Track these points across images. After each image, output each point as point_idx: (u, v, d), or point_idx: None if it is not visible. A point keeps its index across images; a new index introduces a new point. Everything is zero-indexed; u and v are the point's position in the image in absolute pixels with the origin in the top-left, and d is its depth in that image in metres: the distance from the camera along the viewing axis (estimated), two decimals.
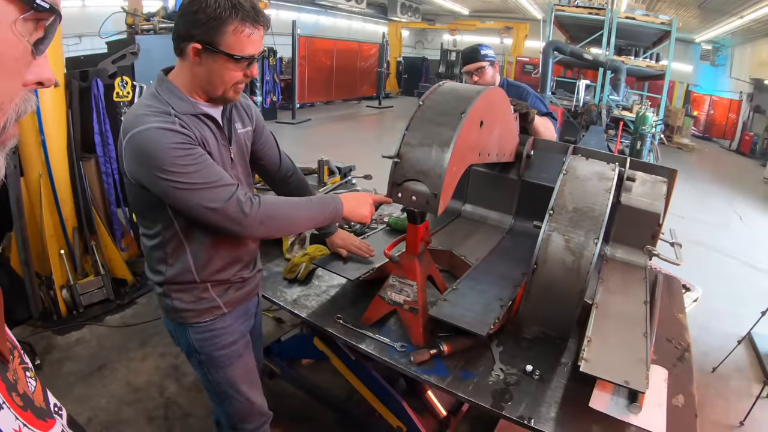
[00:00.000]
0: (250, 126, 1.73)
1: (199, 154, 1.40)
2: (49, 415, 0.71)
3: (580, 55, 10.02)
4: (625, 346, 1.59)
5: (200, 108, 1.48)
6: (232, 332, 1.71)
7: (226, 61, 1.40)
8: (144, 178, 1.38)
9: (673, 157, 13.21)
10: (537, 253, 1.73)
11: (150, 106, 1.41)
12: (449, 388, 1.57)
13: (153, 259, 1.61)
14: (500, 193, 2.61)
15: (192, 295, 1.62)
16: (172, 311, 1.64)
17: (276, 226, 1.52)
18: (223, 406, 1.81)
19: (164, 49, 3.75)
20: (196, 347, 1.67)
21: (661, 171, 2.29)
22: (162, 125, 1.36)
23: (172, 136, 1.35)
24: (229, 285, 1.68)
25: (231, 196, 1.40)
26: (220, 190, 1.39)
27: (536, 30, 17.08)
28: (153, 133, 1.34)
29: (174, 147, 1.34)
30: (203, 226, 1.52)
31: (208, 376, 1.73)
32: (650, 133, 8.45)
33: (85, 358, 3.17)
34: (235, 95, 1.51)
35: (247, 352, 1.80)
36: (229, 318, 1.70)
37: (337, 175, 3.49)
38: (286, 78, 13.85)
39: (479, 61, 2.89)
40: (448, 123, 1.57)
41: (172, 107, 1.42)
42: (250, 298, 1.80)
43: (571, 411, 1.52)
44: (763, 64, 15.06)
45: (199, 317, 1.64)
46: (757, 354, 4.03)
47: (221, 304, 1.66)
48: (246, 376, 1.80)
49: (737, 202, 9.46)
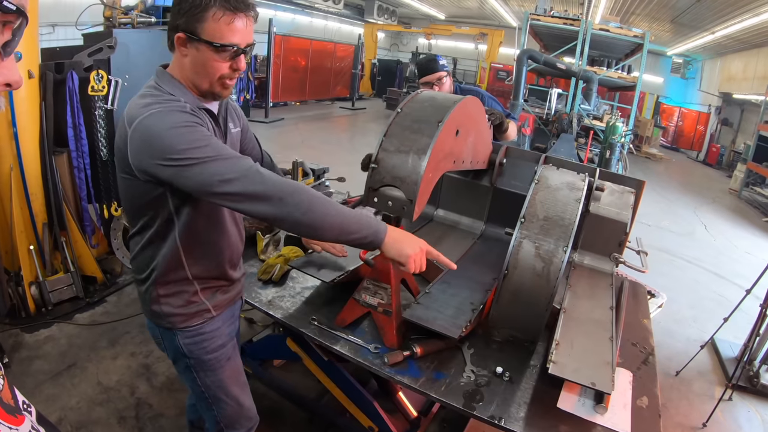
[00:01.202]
0: (239, 127, 1.74)
1: (208, 133, 1.35)
2: (18, 411, 0.73)
3: (553, 64, 10.18)
4: (592, 350, 1.66)
5: (201, 102, 1.47)
6: (220, 335, 1.70)
7: (208, 51, 1.37)
8: (148, 164, 1.30)
9: (641, 166, 13.59)
10: (508, 259, 1.78)
11: (155, 96, 1.38)
12: (422, 388, 1.60)
13: (143, 258, 1.57)
14: (472, 199, 2.67)
15: (181, 299, 1.59)
16: (161, 316, 1.61)
17: (299, 209, 1.33)
18: (212, 411, 1.78)
19: (142, 44, 3.77)
20: (185, 351, 1.64)
21: (630, 182, 2.37)
22: (168, 108, 1.33)
23: (180, 116, 1.32)
24: (216, 288, 1.67)
25: (250, 167, 1.32)
26: (236, 161, 1.32)
27: (511, 37, 17.32)
28: (160, 116, 1.30)
29: (182, 125, 1.30)
30: (204, 216, 1.51)
31: (198, 380, 1.71)
32: (620, 142, 8.65)
33: (54, 357, 3.11)
34: (223, 90, 1.47)
35: (235, 354, 1.80)
36: (218, 321, 1.69)
37: (311, 177, 3.50)
38: (261, 76, 13.78)
39: (439, 71, 2.92)
40: (425, 131, 1.61)
41: (179, 97, 1.41)
42: (235, 301, 1.80)
43: (540, 411, 1.57)
44: (731, 79, 15.61)
45: (188, 321, 1.61)
46: (720, 358, 4.19)
47: (210, 308, 1.65)
48: (235, 379, 1.79)
49: (703, 211, 9.78)
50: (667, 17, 13.52)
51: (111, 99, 3.58)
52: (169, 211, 1.47)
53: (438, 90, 2.92)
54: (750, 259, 7.00)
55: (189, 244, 1.54)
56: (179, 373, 1.76)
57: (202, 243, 1.57)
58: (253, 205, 1.32)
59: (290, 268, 2.18)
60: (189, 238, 1.53)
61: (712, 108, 17.76)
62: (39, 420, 0.78)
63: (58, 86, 3.47)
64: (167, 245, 1.52)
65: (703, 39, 14.18)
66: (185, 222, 1.50)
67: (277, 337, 2.61)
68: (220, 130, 1.56)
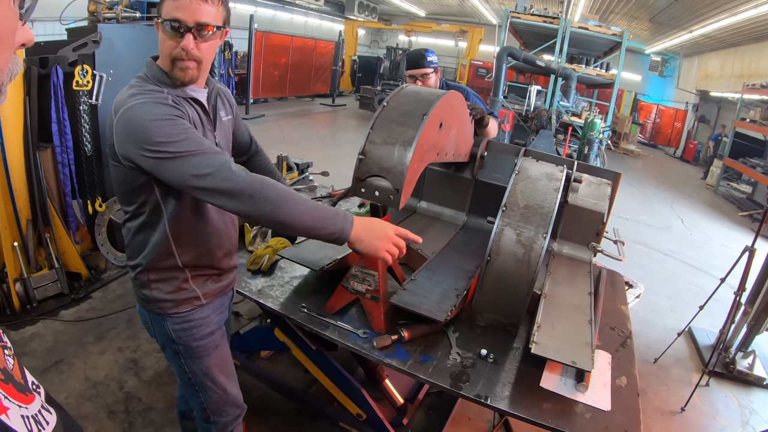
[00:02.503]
0: (231, 115, 1.77)
1: (188, 126, 1.38)
2: (29, 390, 0.74)
3: (533, 61, 10.33)
4: (572, 332, 1.74)
5: (186, 92, 1.50)
6: (209, 323, 1.72)
7: (161, 30, 1.40)
8: (133, 153, 1.35)
9: (619, 162, 13.83)
10: (490, 246, 1.85)
11: (140, 86, 1.43)
12: (410, 370, 1.66)
13: (135, 244, 1.60)
14: (455, 191, 2.74)
15: (171, 286, 1.62)
16: (151, 301, 1.63)
17: (267, 206, 1.36)
18: (198, 397, 1.81)
19: (127, 39, 3.77)
20: (173, 337, 1.67)
21: (606, 174, 2.46)
22: (152, 99, 1.37)
23: (161, 108, 1.36)
24: (207, 277, 1.69)
25: (222, 163, 1.35)
26: (210, 157, 1.35)
27: (491, 35, 17.45)
28: (142, 107, 1.34)
29: (162, 118, 1.34)
30: (190, 206, 1.54)
31: (185, 367, 1.73)
32: (598, 138, 8.82)
33: (41, 354, 3.11)
34: (180, 73, 1.44)
35: (223, 342, 1.82)
36: (207, 309, 1.71)
37: (295, 171, 3.53)
38: (241, 72, 13.73)
39: (425, 68, 2.94)
40: (410, 124, 1.66)
41: (164, 88, 1.45)
42: (225, 292, 1.81)
43: (524, 390, 1.64)
44: (708, 77, 15.96)
45: (177, 308, 1.64)
46: (696, 346, 4.34)
47: (200, 295, 1.67)
48: (222, 367, 1.81)
49: (680, 206, 10.01)
50: (645, 16, 13.78)
51: (96, 94, 3.57)
52: (156, 198, 1.50)
53: (422, 85, 2.95)
54: (726, 251, 7.19)
55: (179, 232, 1.56)
56: (167, 359, 1.79)
57: (193, 232, 1.60)
58: (225, 201, 1.36)
59: (279, 258, 2.23)
60: (178, 227, 1.55)
61: (689, 105, 18.13)
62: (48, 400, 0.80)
63: (42, 81, 3.45)
64: (157, 233, 1.55)
65: (680, 38, 14.47)
66: (173, 210, 1.53)
67: (264, 329, 2.65)
68: (209, 119, 1.58)
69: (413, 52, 3.04)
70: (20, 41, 0.62)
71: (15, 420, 0.65)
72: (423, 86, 2.93)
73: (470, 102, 2.83)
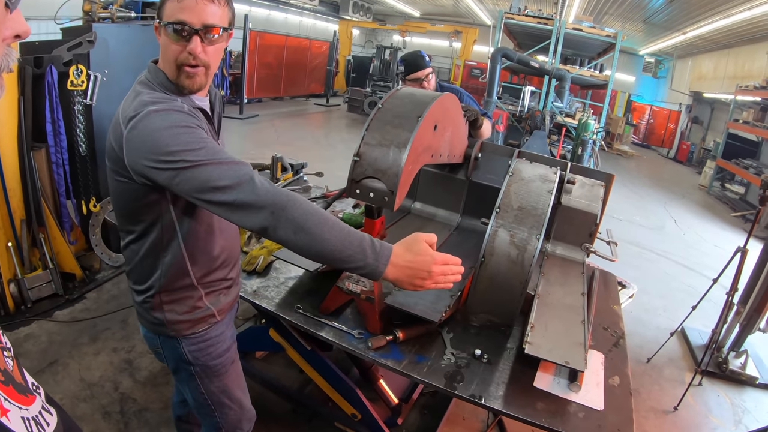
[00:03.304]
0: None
1: (206, 136, 1.27)
2: (29, 391, 0.75)
3: (527, 62, 10.37)
4: (565, 332, 1.76)
5: (192, 101, 1.40)
6: (224, 339, 1.66)
7: (165, 33, 1.30)
8: (146, 166, 1.22)
9: (612, 163, 13.89)
10: (484, 247, 1.87)
11: (151, 94, 1.32)
12: (405, 370, 1.68)
13: (144, 267, 1.48)
14: (449, 192, 2.75)
15: (186, 306, 1.53)
16: (163, 324, 1.53)
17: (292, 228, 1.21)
18: (214, 416, 1.74)
19: (121, 39, 3.76)
20: (189, 359, 1.59)
21: (599, 175, 2.48)
22: (168, 107, 1.27)
23: (179, 116, 1.26)
24: (219, 291, 1.62)
25: (244, 174, 1.22)
26: (230, 167, 1.22)
27: (485, 35, 17.53)
28: (157, 116, 1.24)
29: (180, 125, 1.24)
30: (206, 222, 1.46)
31: (201, 388, 1.65)
32: (591, 139, 8.86)
33: (35, 355, 3.10)
34: (187, 80, 1.35)
35: (237, 356, 1.78)
36: (222, 325, 1.65)
37: (290, 172, 3.54)
38: (235, 72, 13.70)
39: (426, 68, 2.92)
40: (405, 125, 1.67)
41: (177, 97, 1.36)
42: (235, 302, 1.77)
43: (518, 390, 1.66)
44: (702, 78, 16.06)
45: (193, 327, 1.56)
46: (689, 345, 4.37)
47: (215, 312, 1.60)
48: (239, 381, 1.79)
49: (673, 206, 10.06)
50: (639, 18, 13.85)
51: (90, 94, 3.56)
52: (170, 217, 1.40)
53: (426, 87, 2.94)
54: (718, 252, 7.23)
55: (194, 250, 1.48)
56: (180, 382, 1.71)
57: (207, 248, 1.52)
58: (243, 217, 1.22)
59: (274, 258, 2.23)
60: (193, 245, 1.47)
61: (682, 106, 18.24)
62: (48, 401, 0.80)
63: (36, 81, 3.44)
64: (171, 253, 1.45)
65: (674, 39, 14.56)
66: (188, 229, 1.44)
67: (259, 329, 2.64)
68: (213, 129, 1.50)
69: (410, 57, 2.99)
70: (13, 32, 0.60)
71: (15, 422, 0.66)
72: (421, 88, 2.93)
73: (464, 103, 2.84)
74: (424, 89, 2.93)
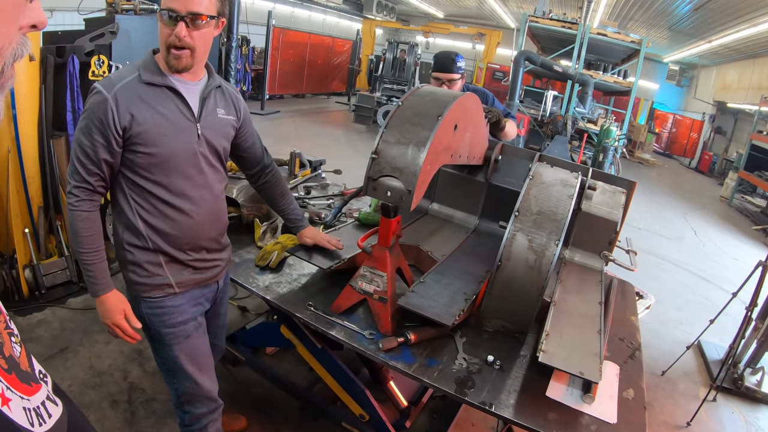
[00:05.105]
0: (235, 116, 1.78)
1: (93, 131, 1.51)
2: (35, 380, 0.73)
3: (550, 66, 10.27)
4: (581, 341, 1.71)
5: (168, 81, 1.57)
6: (181, 312, 1.74)
7: (159, 18, 1.50)
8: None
9: (633, 171, 13.69)
10: (502, 251, 1.83)
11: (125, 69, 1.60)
12: (415, 374, 1.64)
13: (114, 223, 1.69)
14: (467, 194, 2.71)
15: (145, 270, 1.66)
16: (128, 283, 1.69)
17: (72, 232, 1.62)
18: (172, 383, 1.84)
19: (144, 30, 3.77)
20: (146, 321, 1.71)
21: (621, 182, 2.43)
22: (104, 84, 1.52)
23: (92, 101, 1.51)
24: (185, 266, 1.72)
25: (75, 182, 1.55)
26: (74, 169, 1.55)
27: (509, 38, 17.38)
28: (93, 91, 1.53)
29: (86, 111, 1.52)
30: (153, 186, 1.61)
31: (156, 351, 1.79)
32: (613, 146, 8.75)
33: (47, 341, 3.12)
34: (174, 61, 1.54)
35: (197, 334, 1.82)
36: (181, 298, 1.73)
37: (308, 168, 3.53)
38: (258, 68, 13.75)
39: (453, 73, 2.87)
40: (425, 124, 1.64)
41: (140, 73, 1.55)
42: (207, 284, 1.83)
43: (529, 399, 1.62)
44: (726, 88, 15.77)
45: (149, 292, 1.67)
46: (705, 360, 4.26)
47: (173, 283, 1.69)
48: (194, 358, 1.81)
49: (693, 217, 9.89)
50: (664, 24, 13.64)
51: None
52: (119, 181, 1.62)
53: (445, 88, 2.87)
54: (737, 265, 7.09)
55: (146, 213, 1.62)
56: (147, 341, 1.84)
57: (164, 215, 1.64)
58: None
59: (287, 254, 2.22)
60: (144, 207, 1.62)
61: (705, 116, 17.94)
62: (55, 391, 0.79)
63: (58, 70, 3.47)
64: (125, 210, 1.63)
65: (699, 47, 14.31)
66: (132, 186, 1.61)
67: (270, 325, 2.64)
68: (189, 110, 1.62)
69: (443, 55, 2.93)
70: (30, 21, 0.60)
71: (17, 412, 0.65)
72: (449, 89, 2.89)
73: (491, 105, 2.80)
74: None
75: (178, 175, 1.62)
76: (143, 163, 1.57)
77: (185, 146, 1.62)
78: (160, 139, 1.56)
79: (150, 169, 1.58)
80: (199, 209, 1.70)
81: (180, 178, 1.63)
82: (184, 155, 1.62)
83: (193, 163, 1.65)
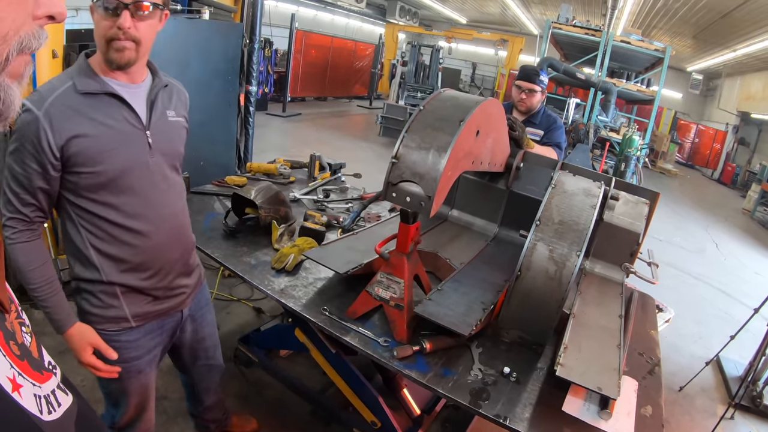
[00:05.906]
0: (185, 116, 1.67)
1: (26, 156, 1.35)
2: (45, 368, 0.73)
3: (573, 73, 10.19)
4: (599, 356, 1.66)
5: (107, 86, 1.40)
6: (136, 347, 1.62)
7: (96, 11, 1.32)
8: None
9: (655, 181, 13.50)
10: (521, 261, 1.79)
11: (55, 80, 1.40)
12: (429, 383, 1.61)
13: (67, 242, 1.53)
14: (488, 201, 2.68)
15: (98, 299, 1.52)
16: (80, 311, 1.56)
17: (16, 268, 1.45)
18: (110, 409, 1.78)
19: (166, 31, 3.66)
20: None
21: (644, 193, 2.37)
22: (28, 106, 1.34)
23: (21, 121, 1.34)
24: (144, 296, 1.58)
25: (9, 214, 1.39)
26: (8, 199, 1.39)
27: (531, 45, 17.28)
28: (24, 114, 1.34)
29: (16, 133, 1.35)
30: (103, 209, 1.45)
31: (103, 380, 1.63)
32: (635, 155, 8.64)
33: (59, 335, 3.14)
34: (116, 54, 1.36)
35: (149, 368, 1.71)
36: (137, 333, 1.61)
37: (328, 171, 3.53)
38: (280, 70, 13.85)
39: (535, 84, 3.05)
40: (446, 129, 1.62)
41: (74, 82, 1.38)
42: (169, 314, 1.70)
43: (545, 413, 1.58)
44: (750, 98, 15.47)
45: (102, 324, 1.54)
46: (724, 376, 4.16)
47: (129, 316, 1.56)
48: (140, 394, 1.73)
49: (714, 229, 9.71)
50: (689, 33, 13.42)
51: None
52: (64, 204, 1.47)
53: (524, 98, 3.08)
54: (759, 279, 6.96)
55: (97, 240, 1.47)
56: None
57: (119, 240, 1.49)
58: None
59: (304, 258, 2.20)
60: (95, 234, 1.47)
61: (729, 126, 17.64)
62: (64, 382, 0.79)
63: None
64: (74, 239, 1.49)
65: (723, 56, 14.06)
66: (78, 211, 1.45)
67: (285, 327, 2.63)
68: (135, 117, 1.46)
69: (529, 66, 3.19)
70: (47, 11, 0.55)
71: (27, 398, 0.64)
72: (521, 98, 3.09)
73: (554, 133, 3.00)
74: (522, 100, 3.08)
75: (130, 193, 1.46)
76: (88, 184, 1.41)
77: (135, 159, 1.46)
78: (104, 154, 1.39)
79: (97, 190, 1.42)
80: (158, 229, 1.55)
81: (132, 197, 1.47)
82: (135, 170, 1.46)
83: (146, 177, 1.49)
